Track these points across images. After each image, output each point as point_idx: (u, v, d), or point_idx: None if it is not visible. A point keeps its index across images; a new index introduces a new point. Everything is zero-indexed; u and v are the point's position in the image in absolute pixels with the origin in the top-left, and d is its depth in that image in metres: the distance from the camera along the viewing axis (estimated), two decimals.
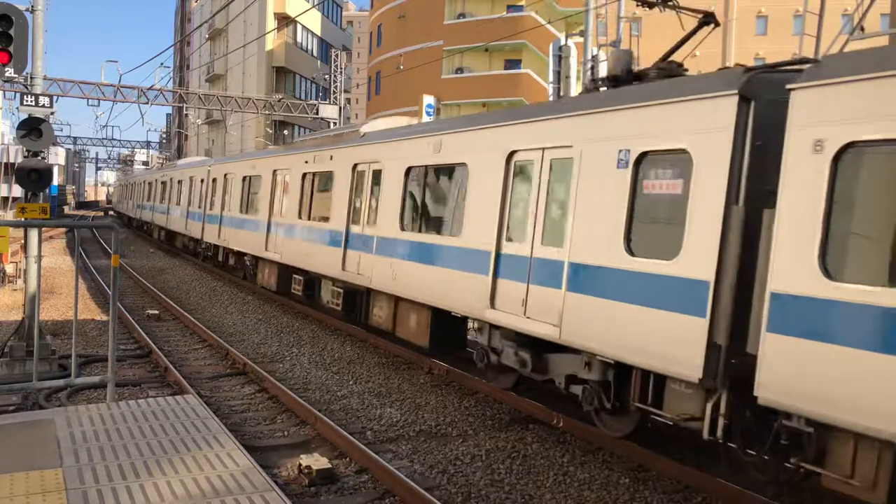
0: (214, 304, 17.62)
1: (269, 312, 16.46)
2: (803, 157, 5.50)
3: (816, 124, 5.45)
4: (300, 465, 6.92)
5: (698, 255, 6.22)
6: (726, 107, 6.13)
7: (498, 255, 8.83)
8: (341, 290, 13.36)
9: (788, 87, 5.68)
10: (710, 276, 6.08)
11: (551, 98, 18.74)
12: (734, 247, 6.00)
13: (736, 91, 6.04)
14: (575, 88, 19.06)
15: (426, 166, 10.80)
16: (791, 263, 5.49)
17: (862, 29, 9.77)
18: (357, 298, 13.02)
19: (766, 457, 5.99)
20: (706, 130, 6.31)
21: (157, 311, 15.63)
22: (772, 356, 5.53)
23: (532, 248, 8.26)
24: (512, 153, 8.82)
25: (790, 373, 5.40)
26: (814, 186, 5.39)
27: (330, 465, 6.91)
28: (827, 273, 5.26)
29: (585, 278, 7.39)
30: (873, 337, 4.93)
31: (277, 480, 6.72)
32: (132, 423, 5.93)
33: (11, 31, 9.58)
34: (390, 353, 12.47)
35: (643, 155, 6.90)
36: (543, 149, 8.33)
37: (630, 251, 6.93)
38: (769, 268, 5.65)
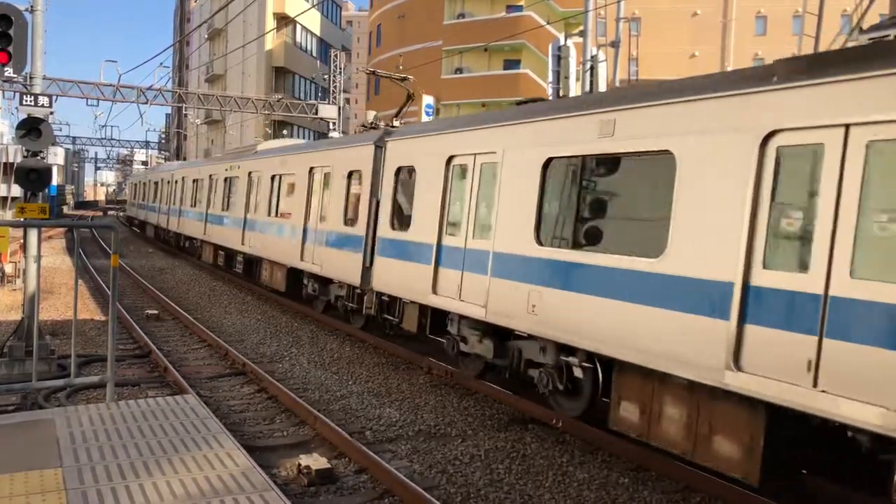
0: (214, 304, 17.62)
1: (268, 312, 16.46)
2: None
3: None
4: (299, 465, 6.92)
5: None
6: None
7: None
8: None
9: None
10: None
11: (550, 98, 18.74)
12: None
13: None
14: (574, 88, 19.08)
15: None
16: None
17: (861, 29, 9.78)
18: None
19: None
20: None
21: (156, 311, 15.63)
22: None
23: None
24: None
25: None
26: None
27: (329, 465, 6.91)
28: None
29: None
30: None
31: (277, 480, 6.72)
32: (131, 423, 5.93)
33: (11, 32, 9.59)
34: (389, 354, 12.48)
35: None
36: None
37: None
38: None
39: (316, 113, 37.63)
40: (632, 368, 6.98)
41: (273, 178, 17.82)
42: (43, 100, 11.27)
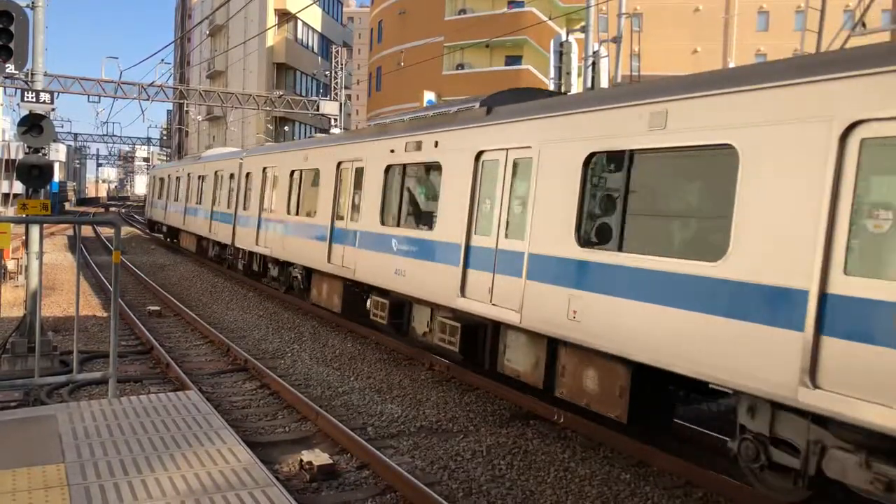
0: (216, 300, 17.64)
1: (269, 309, 16.47)
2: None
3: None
4: (301, 460, 6.94)
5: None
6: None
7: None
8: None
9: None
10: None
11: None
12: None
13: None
14: (576, 84, 19.05)
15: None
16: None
17: (863, 25, 9.76)
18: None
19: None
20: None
21: (158, 308, 15.64)
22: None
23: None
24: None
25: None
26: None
27: (331, 461, 6.92)
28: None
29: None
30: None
31: (279, 476, 6.74)
32: (134, 419, 5.94)
33: (12, 28, 9.58)
34: (391, 349, 12.49)
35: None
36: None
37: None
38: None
39: (317, 109, 37.61)
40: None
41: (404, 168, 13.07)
42: (44, 96, 11.27)
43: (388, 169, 11.82)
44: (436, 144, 10.41)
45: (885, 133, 5.06)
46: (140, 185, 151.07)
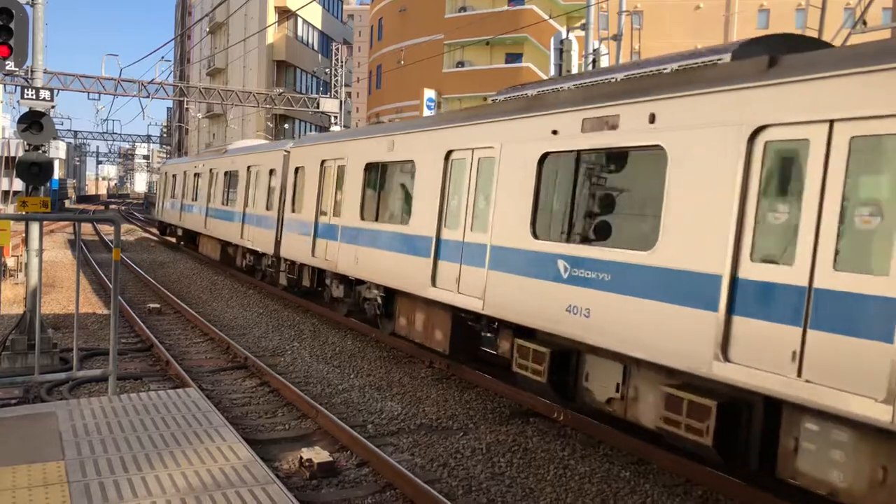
0: (215, 297, 17.64)
1: (270, 307, 16.47)
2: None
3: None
4: (301, 458, 6.94)
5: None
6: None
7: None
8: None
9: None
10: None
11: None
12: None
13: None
14: None
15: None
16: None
17: (864, 23, 9.75)
18: None
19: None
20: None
21: (158, 305, 15.64)
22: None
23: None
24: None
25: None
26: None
27: (331, 459, 6.93)
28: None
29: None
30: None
31: (279, 473, 6.74)
32: (134, 417, 5.94)
33: (12, 25, 9.57)
34: (391, 347, 12.49)
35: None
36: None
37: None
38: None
39: (317, 107, 37.58)
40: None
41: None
42: (44, 94, 11.26)
43: (548, 160, 8.16)
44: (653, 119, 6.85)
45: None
46: (140, 183, 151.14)
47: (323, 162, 14.45)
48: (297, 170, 15.88)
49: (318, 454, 6.93)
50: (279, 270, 17.22)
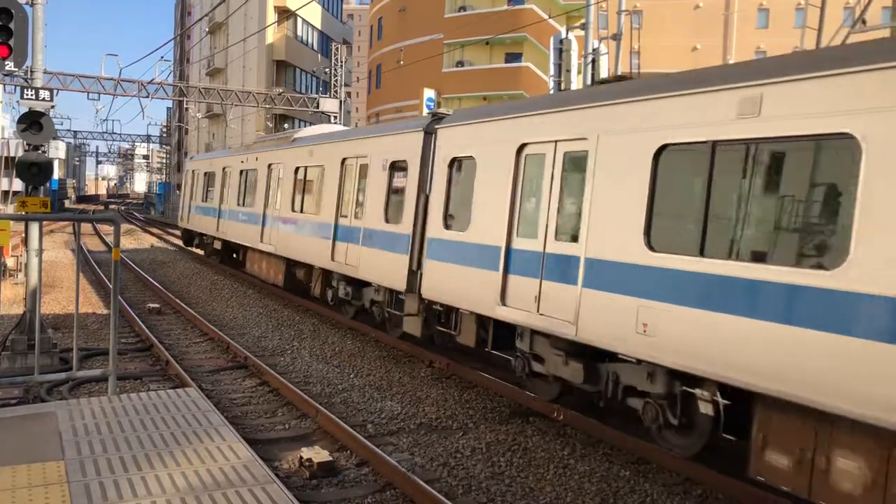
0: (215, 297, 17.64)
1: (269, 306, 16.47)
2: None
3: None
4: (301, 457, 6.94)
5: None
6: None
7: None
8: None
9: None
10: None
11: (552, 91, 18.70)
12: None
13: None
14: (576, 82, 19.03)
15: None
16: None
17: (864, 22, 9.74)
18: None
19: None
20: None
21: (158, 305, 15.65)
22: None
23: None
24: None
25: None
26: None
27: (331, 458, 6.93)
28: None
29: None
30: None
31: (279, 473, 6.74)
32: (133, 416, 5.95)
33: (11, 25, 9.57)
34: (391, 347, 12.49)
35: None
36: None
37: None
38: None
39: (317, 107, 37.57)
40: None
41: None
42: (44, 94, 11.28)
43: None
44: None
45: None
46: (140, 183, 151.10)
47: (522, 148, 8.94)
48: (456, 163, 10.19)
49: (317, 454, 6.93)
50: (412, 315, 11.13)
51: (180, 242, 34.11)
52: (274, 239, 17.07)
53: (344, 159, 13.73)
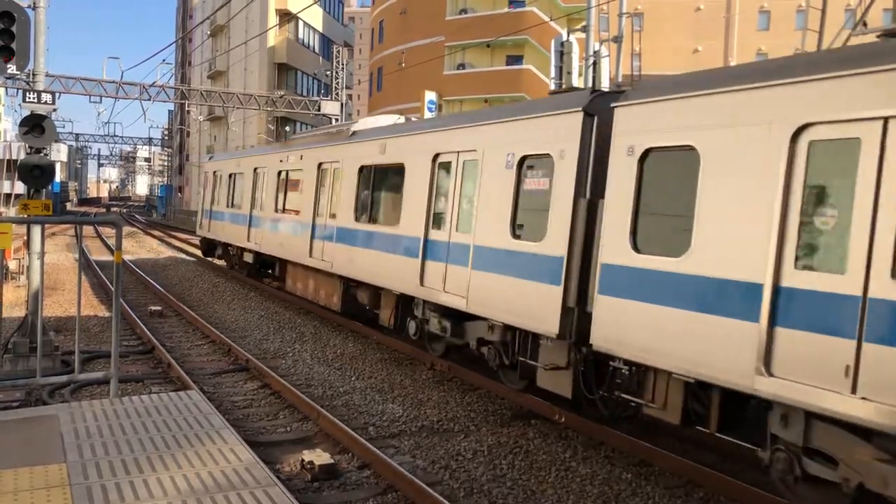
0: (217, 300, 17.65)
1: (271, 309, 16.48)
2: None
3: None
4: (303, 460, 6.94)
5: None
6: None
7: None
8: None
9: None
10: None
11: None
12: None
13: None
14: (577, 84, 19.04)
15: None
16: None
17: (864, 24, 9.75)
18: None
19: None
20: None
21: (159, 308, 15.65)
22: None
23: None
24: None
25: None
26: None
27: (332, 461, 6.93)
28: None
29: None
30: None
31: (280, 475, 6.74)
32: (135, 419, 5.95)
33: (13, 28, 9.59)
34: (392, 349, 12.49)
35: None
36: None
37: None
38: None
39: (318, 109, 37.61)
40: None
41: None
42: (46, 97, 11.28)
43: None
44: None
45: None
46: (141, 185, 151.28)
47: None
48: (653, 154, 7.18)
49: (319, 456, 6.93)
50: (558, 367, 8.24)
51: (181, 245, 34.13)
52: (328, 254, 13.92)
53: (437, 155, 10.58)
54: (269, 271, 19.71)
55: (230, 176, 21.42)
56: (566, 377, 8.04)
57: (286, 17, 52.82)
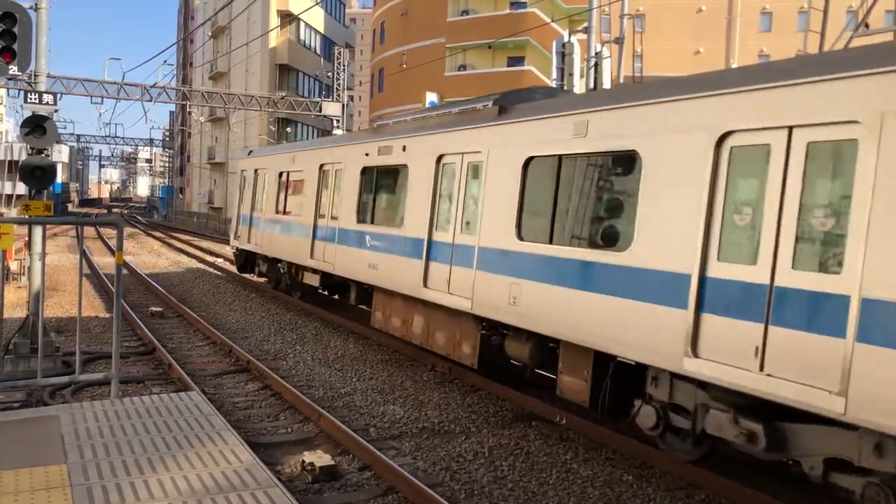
0: (218, 301, 17.65)
1: (272, 310, 16.48)
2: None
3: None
4: (303, 461, 6.93)
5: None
6: None
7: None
8: None
9: None
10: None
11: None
12: None
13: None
14: (578, 86, 19.04)
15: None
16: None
17: (866, 26, 9.74)
18: None
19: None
20: None
21: (160, 309, 15.65)
22: None
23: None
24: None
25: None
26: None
27: (333, 462, 6.92)
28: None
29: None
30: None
31: (281, 477, 6.73)
32: (136, 420, 5.95)
33: (15, 29, 9.60)
34: (393, 350, 12.48)
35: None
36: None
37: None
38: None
39: (320, 110, 37.63)
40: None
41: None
42: (47, 98, 11.30)
43: None
44: None
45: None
46: (142, 186, 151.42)
47: None
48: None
49: (320, 458, 6.92)
50: None
51: (182, 245, 34.14)
52: (458, 284, 9.75)
53: (724, 135, 6.39)
54: (336, 296, 16.25)
55: (279, 175, 17.41)
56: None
57: (287, 18, 52.87)
